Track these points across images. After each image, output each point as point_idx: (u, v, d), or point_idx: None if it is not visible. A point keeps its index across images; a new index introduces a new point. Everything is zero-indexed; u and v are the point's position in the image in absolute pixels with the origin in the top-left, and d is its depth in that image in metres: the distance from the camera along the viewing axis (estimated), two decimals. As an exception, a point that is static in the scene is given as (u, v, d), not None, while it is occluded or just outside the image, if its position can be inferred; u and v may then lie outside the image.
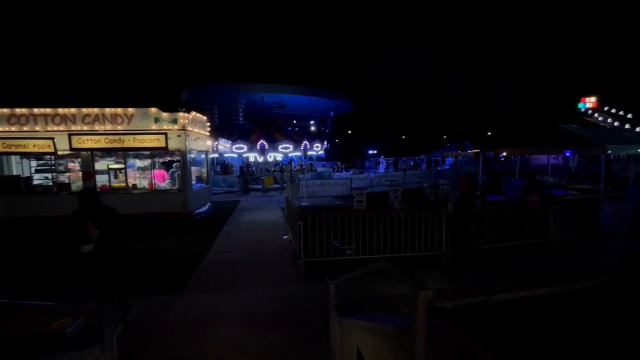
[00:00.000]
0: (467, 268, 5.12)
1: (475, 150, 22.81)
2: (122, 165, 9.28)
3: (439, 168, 25.10)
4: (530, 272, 5.15)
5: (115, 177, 9.39)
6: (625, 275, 5.06)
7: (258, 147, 23.59)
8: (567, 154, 12.89)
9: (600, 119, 54.53)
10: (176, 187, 9.31)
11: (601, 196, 8.03)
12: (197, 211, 9.80)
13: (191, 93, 33.89)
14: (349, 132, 66.49)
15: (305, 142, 25.51)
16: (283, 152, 24.41)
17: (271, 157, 24.78)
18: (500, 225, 6.26)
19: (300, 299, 4.44)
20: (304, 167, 23.19)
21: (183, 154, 9.12)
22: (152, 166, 9.58)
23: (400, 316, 1.83)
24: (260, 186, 18.53)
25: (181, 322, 3.83)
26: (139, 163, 9.85)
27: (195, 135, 10.00)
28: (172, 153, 9.50)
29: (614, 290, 4.61)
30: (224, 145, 22.00)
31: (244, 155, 23.90)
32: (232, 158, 24.86)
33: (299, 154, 25.80)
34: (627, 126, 46.07)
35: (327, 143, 30.89)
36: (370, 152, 56.05)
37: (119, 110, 8.83)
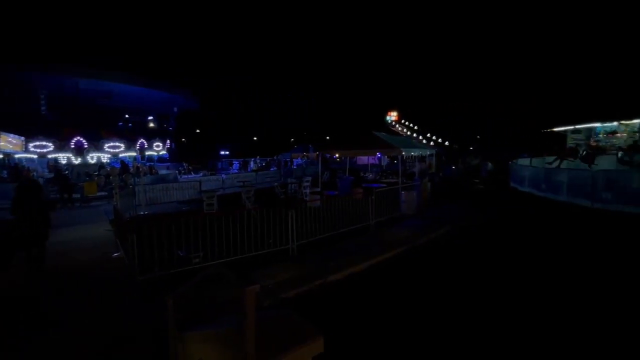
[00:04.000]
0: (310, 256, 5.75)
1: (317, 153, 25.77)
2: None
3: (288, 168, 26.98)
4: (356, 251, 6.31)
5: None
6: (415, 243, 6.96)
7: (73, 146, 18.59)
8: (379, 155, 16.48)
9: (400, 128, 72.65)
10: None
11: (400, 187, 10.68)
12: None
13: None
14: (197, 131, 62.00)
15: (142, 140, 22.04)
16: (111, 152, 20.20)
17: (93, 158, 20.02)
18: (335, 215, 7.39)
19: (136, 323, 3.81)
20: (141, 169, 19.94)
21: None
22: None
23: (240, 316, 1.87)
24: (79, 195, 14.70)
25: None
26: None
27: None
28: None
29: (409, 256, 6.24)
30: (10, 142, 16.14)
31: (50, 157, 18.31)
32: (31, 160, 18.58)
33: (133, 154, 21.98)
34: (414, 135, 63.69)
35: (171, 142, 27.68)
36: (222, 152, 54.12)
37: None
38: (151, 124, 33.10)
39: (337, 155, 17.63)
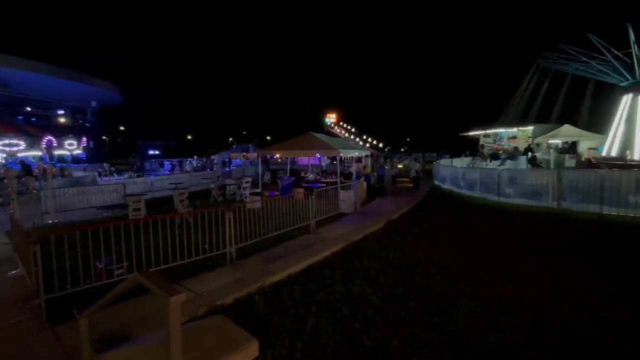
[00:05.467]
0: (249, 259, 5.60)
1: (257, 153, 25.22)
2: None
3: (226, 169, 25.89)
4: (296, 251, 6.35)
5: None
6: (353, 239, 7.27)
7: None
8: (319, 156, 16.83)
9: (338, 130, 75.12)
10: None
11: (338, 186, 11.06)
12: None
13: None
14: (122, 128, 55.87)
15: (49, 137, 19.02)
16: (7, 150, 17.01)
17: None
18: (276, 216, 7.34)
19: (41, 351, 3.29)
20: (48, 171, 17.17)
21: None
22: None
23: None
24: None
25: None
26: None
27: None
28: None
29: (347, 252, 6.50)
30: None
31: None
32: None
33: (38, 153, 18.84)
34: (352, 137, 66.59)
35: (90, 140, 24.38)
36: (152, 152, 49.62)
37: None
38: (62, 119, 28.73)
39: (277, 155, 17.51)
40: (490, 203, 11.85)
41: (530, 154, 19.51)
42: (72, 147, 20.74)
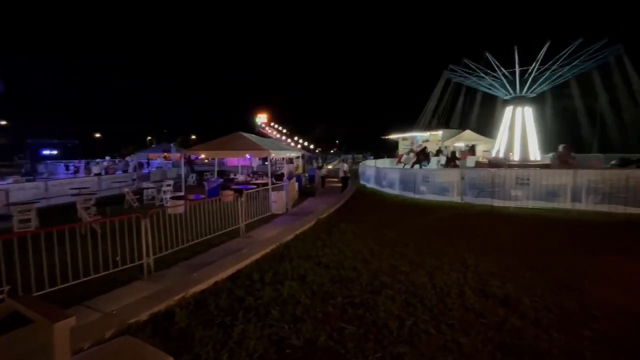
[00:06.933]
0: (170, 269, 5.16)
1: (179, 153, 23.42)
2: None
3: (144, 171, 23.38)
4: (224, 256, 6.08)
5: None
6: (284, 240, 7.26)
7: None
8: (249, 157, 16.42)
9: (270, 131, 74.27)
10: None
11: (270, 187, 10.95)
12: None
13: None
14: (3, 122, 46.15)
15: None
16: None
17: None
18: (202, 221, 6.91)
19: None
20: None
21: None
22: None
23: None
24: None
25: None
26: None
27: None
28: None
29: (277, 254, 6.47)
30: None
31: None
32: None
33: None
34: (283, 138, 66.41)
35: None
36: (47, 152, 41.98)
37: None
38: None
39: (202, 156, 16.50)
40: (408, 200, 13.10)
41: (451, 152, 22.55)
42: None
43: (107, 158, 28.37)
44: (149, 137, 55.63)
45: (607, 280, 5.02)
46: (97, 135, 58.23)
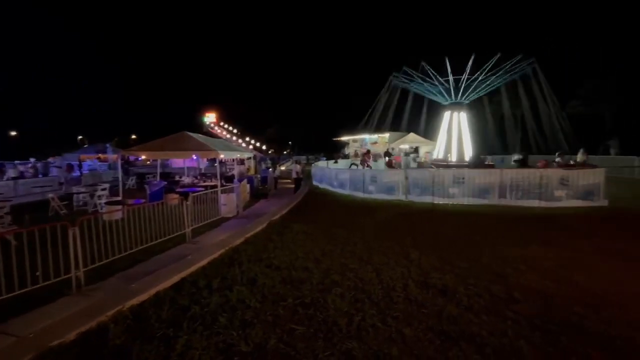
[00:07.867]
0: (104, 282, 4.68)
1: (116, 154, 21.43)
2: None
3: (74, 174, 20.92)
4: (167, 265, 5.70)
5: None
6: (233, 244, 7.03)
7: None
8: (195, 157, 15.61)
9: (219, 130, 71.46)
10: None
11: (219, 190, 10.53)
12: None
13: None
14: None
15: None
16: None
17: None
18: (143, 228, 6.37)
19: None
20: None
21: None
22: None
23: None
24: None
25: None
26: None
27: None
28: None
29: (226, 259, 6.24)
30: None
31: None
32: None
33: None
34: (234, 138, 64.51)
35: None
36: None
37: None
38: None
39: (142, 157, 15.29)
40: (357, 199, 13.56)
41: (384, 153, 23.79)
42: None
43: (32, 160, 24.77)
44: (80, 137, 49.74)
45: (527, 266, 5.71)
46: (13, 133, 50.57)
